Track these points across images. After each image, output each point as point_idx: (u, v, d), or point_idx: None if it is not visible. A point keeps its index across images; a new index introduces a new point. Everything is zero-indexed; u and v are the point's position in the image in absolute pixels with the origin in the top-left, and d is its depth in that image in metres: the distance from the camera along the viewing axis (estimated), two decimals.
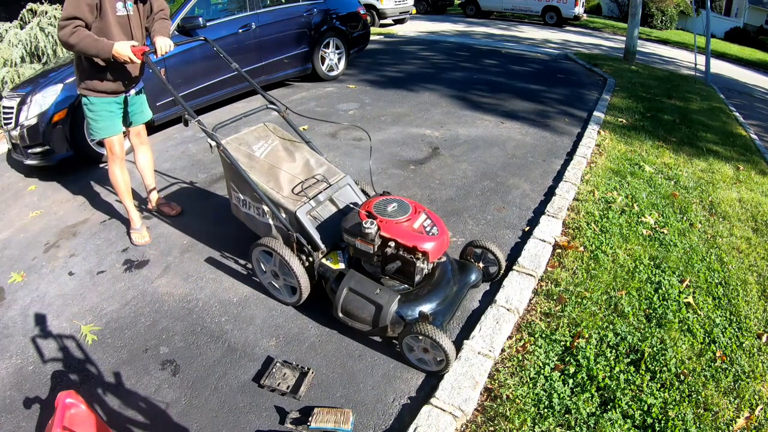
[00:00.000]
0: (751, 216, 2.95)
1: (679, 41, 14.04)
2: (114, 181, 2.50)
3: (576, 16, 14.02)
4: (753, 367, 1.77)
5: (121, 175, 2.49)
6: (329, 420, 1.49)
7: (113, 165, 2.46)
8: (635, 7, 7.94)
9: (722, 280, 2.27)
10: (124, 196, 2.53)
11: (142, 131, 2.63)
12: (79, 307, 2.11)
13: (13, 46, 4.70)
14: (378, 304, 1.68)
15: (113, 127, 2.38)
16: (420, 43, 8.88)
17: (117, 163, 2.46)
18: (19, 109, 3.28)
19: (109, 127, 2.36)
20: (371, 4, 10.70)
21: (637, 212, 2.81)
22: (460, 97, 5.24)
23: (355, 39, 5.95)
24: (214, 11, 4.49)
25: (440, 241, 1.73)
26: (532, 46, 9.28)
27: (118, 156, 2.44)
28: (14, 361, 1.83)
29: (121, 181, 2.50)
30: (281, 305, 2.08)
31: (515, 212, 2.85)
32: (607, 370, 1.71)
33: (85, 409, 1.32)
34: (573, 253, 2.38)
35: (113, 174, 2.48)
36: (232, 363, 1.79)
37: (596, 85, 6.19)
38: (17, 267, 2.42)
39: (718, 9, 20.19)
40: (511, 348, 1.82)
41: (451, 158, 3.59)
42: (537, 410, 1.56)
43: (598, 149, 3.82)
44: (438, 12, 16.29)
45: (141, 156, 2.68)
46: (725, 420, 1.55)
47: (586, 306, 2.02)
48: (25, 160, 3.37)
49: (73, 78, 3.38)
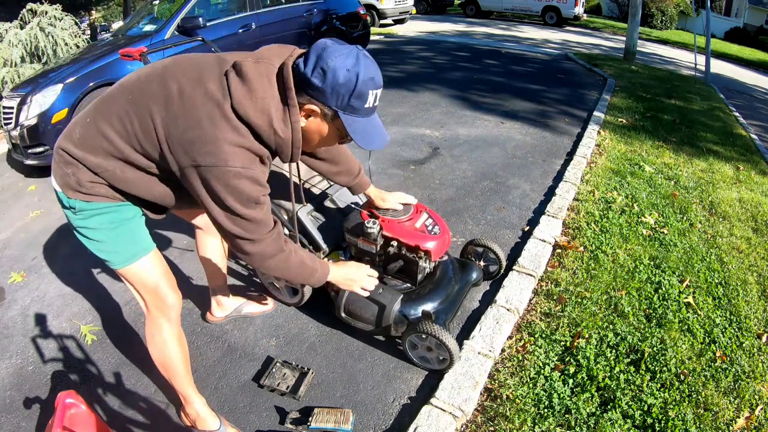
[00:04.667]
0: (751, 216, 2.95)
1: (679, 41, 14.04)
2: (164, 358, 1.38)
3: (576, 16, 14.02)
4: (753, 367, 1.77)
5: (179, 347, 1.40)
6: (329, 420, 1.49)
7: (164, 332, 1.36)
8: (635, 7, 7.93)
9: (722, 280, 2.27)
10: (183, 378, 1.43)
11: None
12: (79, 307, 2.11)
13: (13, 46, 4.70)
14: (381, 304, 1.68)
15: (137, 239, 1.29)
16: (420, 43, 8.88)
17: (173, 326, 1.38)
18: (19, 109, 3.28)
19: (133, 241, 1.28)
20: (371, 4, 10.70)
21: (637, 212, 2.81)
22: (460, 97, 5.24)
23: (355, 39, 5.95)
24: (214, 11, 4.49)
25: (442, 240, 1.73)
26: (532, 46, 9.28)
27: (174, 309, 1.36)
28: (14, 361, 1.83)
29: (178, 356, 1.40)
30: (281, 305, 2.07)
31: (515, 212, 2.84)
32: (607, 370, 1.71)
33: (85, 409, 1.32)
34: (573, 253, 2.38)
35: (165, 346, 1.37)
36: (232, 363, 1.79)
37: (596, 85, 6.19)
38: (17, 267, 2.42)
39: (718, 9, 20.20)
40: (511, 348, 1.82)
41: (451, 158, 3.59)
42: (537, 410, 1.56)
43: (598, 149, 3.82)
44: (438, 12, 16.28)
45: (209, 242, 1.75)
46: (725, 420, 1.55)
47: (586, 306, 2.02)
48: (25, 160, 3.37)
49: (73, 78, 3.40)
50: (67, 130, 1.19)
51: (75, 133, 1.15)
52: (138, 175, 1.16)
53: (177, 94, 1.06)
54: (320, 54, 1.02)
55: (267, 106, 1.04)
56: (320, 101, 1.06)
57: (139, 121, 1.08)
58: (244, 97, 1.03)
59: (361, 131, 1.10)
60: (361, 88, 1.04)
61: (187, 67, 1.11)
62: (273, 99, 1.05)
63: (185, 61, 1.14)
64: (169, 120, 1.05)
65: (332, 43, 1.04)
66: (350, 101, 1.05)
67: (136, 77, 1.15)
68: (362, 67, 1.03)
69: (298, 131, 1.09)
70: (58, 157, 1.17)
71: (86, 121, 1.15)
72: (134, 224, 1.27)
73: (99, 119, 1.13)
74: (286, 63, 1.07)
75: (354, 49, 1.05)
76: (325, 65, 1.01)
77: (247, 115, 1.03)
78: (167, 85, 1.07)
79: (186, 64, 1.13)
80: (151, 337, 1.37)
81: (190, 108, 1.04)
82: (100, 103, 1.17)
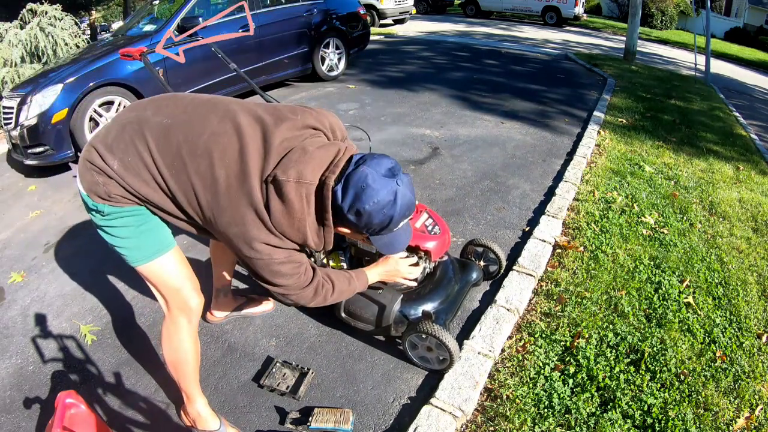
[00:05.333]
0: (751, 216, 2.95)
1: (679, 41, 14.04)
2: (178, 358, 1.38)
3: (576, 16, 14.03)
4: (753, 367, 1.77)
5: (194, 348, 1.40)
6: (329, 420, 1.49)
7: (183, 333, 1.36)
8: (635, 7, 7.94)
9: (722, 280, 2.27)
10: (191, 378, 1.43)
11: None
12: (79, 307, 2.11)
13: (13, 46, 4.70)
14: (381, 304, 1.68)
15: (160, 237, 1.29)
16: (420, 43, 8.88)
17: (192, 328, 1.38)
18: (19, 109, 3.28)
19: (156, 239, 1.28)
20: (371, 4, 10.70)
21: (637, 212, 2.81)
22: (460, 97, 5.24)
23: (355, 39, 5.95)
24: (214, 11, 4.49)
25: (442, 241, 1.73)
26: (532, 46, 9.28)
27: (195, 312, 1.37)
28: (14, 361, 1.83)
29: (192, 357, 1.40)
30: (281, 305, 2.07)
31: (515, 212, 2.84)
32: (607, 370, 1.71)
33: (85, 409, 1.32)
34: (573, 253, 2.38)
35: (182, 346, 1.37)
36: (232, 363, 1.79)
37: (596, 85, 6.19)
38: (17, 267, 2.42)
39: (718, 9, 20.20)
40: (511, 348, 1.82)
41: (451, 158, 3.59)
42: (537, 410, 1.56)
43: (598, 149, 3.82)
44: (438, 12, 16.28)
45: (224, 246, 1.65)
46: (725, 420, 1.55)
47: (586, 306, 2.02)
48: (25, 160, 3.37)
49: (73, 78, 3.39)
50: (101, 136, 1.18)
51: (115, 149, 1.15)
52: (166, 215, 1.23)
53: (224, 187, 1.09)
54: (358, 193, 1.05)
55: (303, 227, 1.10)
56: (353, 230, 1.15)
57: (182, 192, 1.13)
58: (282, 217, 1.09)
59: (386, 244, 1.20)
60: (393, 225, 1.13)
61: (230, 149, 1.10)
62: (309, 218, 1.10)
63: (228, 136, 1.12)
64: (215, 207, 1.11)
65: (371, 181, 1.06)
66: (380, 232, 1.14)
67: (184, 132, 1.13)
68: (398, 208, 1.09)
69: (330, 243, 1.17)
70: (91, 166, 1.16)
71: (126, 140, 1.15)
72: (158, 223, 1.28)
73: (141, 149, 1.14)
74: (327, 185, 1.08)
75: (393, 187, 1.08)
76: (362, 208, 1.06)
77: (284, 232, 1.11)
78: (215, 171, 1.10)
79: (229, 141, 1.11)
80: (168, 336, 1.37)
81: (236, 206, 1.09)
82: (139, 131, 1.15)
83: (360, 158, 1.12)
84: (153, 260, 1.27)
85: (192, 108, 1.18)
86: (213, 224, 1.13)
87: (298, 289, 1.22)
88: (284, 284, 1.19)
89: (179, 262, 1.33)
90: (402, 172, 1.13)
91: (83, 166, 1.18)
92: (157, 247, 1.27)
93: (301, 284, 1.22)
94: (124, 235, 1.22)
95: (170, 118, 1.16)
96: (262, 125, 1.13)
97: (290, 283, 1.19)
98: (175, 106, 1.20)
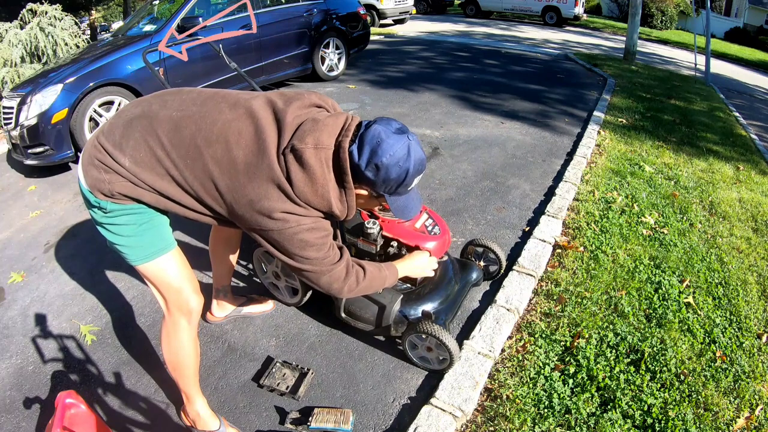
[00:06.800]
0: (751, 216, 2.95)
1: (679, 41, 14.04)
2: (178, 358, 1.38)
3: (576, 16, 14.02)
4: (753, 367, 1.77)
5: (193, 349, 1.40)
6: (329, 420, 1.49)
7: (182, 333, 1.36)
8: (635, 7, 7.94)
9: (722, 280, 2.27)
10: (190, 378, 1.43)
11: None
12: (79, 307, 2.11)
13: (13, 46, 4.70)
14: (381, 304, 1.68)
15: (161, 236, 1.29)
16: (420, 43, 8.88)
17: (191, 328, 1.38)
18: (19, 109, 3.28)
19: (157, 238, 1.28)
20: (371, 4, 10.70)
21: (637, 212, 2.81)
22: (461, 97, 5.24)
23: (355, 39, 5.95)
24: (214, 11, 4.49)
25: (442, 241, 1.73)
26: (532, 46, 9.28)
27: (195, 312, 1.36)
28: (14, 361, 1.83)
29: (191, 358, 1.40)
30: (281, 305, 2.07)
31: (515, 212, 2.84)
32: (607, 370, 1.71)
33: (85, 409, 1.32)
34: (573, 253, 2.38)
35: (181, 347, 1.37)
36: (232, 363, 1.79)
37: (596, 85, 6.19)
38: (17, 267, 2.42)
39: (718, 9, 20.21)
40: (511, 348, 1.82)
41: (451, 158, 3.59)
42: (537, 410, 1.56)
43: (598, 149, 3.82)
44: (438, 12, 16.28)
45: (224, 245, 1.78)
46: (725, 420, 1.55)
47: (586, 306, 2.02)
48: (25, 160, 3.37)
49: (73, 78, 3.40)
50: (106, 133, 1.18)
51: (125, 146, 1.15)
52: (183, 208, 1.22)
53: (243, 166, 1.10)
54: (374, 149, 1.09)
55: (326, 192, 1.12)
56: (370, 188, 1.17)
57: (199, 182, 1.14)
58: (305, 185, 1.10)
59: (400, 207, 1.23)
60: (409, 181, 1.16)
61: (246, 131, 1.12)
62: (331, 183, 1.13)
63: (242, 120, 1.14)
64: (235, 189, 1.12)
65: (385, 137, 1.10)
66: (397, 189, 1.17)
67: (196, 123, 1.14)
68: (412, 162, 1.13)
69: (353, 207, 1.19)
70: (98, 163, 1.15)
71: (135, 136, 1.15)
72: (160, 221, 1.28)
73: (153, 144, 1.14)
74: (342, 147, 1.11)
75: (405, 141, 1.13)
76: (379, 162, 1.10)
77: (308, 201, 1.12)
78: (232, 153, 1.11)
79: (243, 124, 1.13)
80: (167, 336, 1.37)
81: (258, 182, 1.10)
82: (149, 126, 1.15)
83: (369, 121, 1.16)
84: (153, 260, 1.27)
85: (201, 100, 1.20)
86: (234, 209, 1.13)
87: (329, 264, 1.22)
88: (314, 257, 1.18)
89: (180, 262, 1.33)
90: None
91: (88, 162, 1.18)
92: (157, 246, 1.27)
93: (332, 258, 1.22)
94: (126, 233, 1.22)
95: (179, 110, 1.17)
96: (273, 106, 1.17)
97: (320, 256, 1.19)
98: (182, 99, 1.21)
